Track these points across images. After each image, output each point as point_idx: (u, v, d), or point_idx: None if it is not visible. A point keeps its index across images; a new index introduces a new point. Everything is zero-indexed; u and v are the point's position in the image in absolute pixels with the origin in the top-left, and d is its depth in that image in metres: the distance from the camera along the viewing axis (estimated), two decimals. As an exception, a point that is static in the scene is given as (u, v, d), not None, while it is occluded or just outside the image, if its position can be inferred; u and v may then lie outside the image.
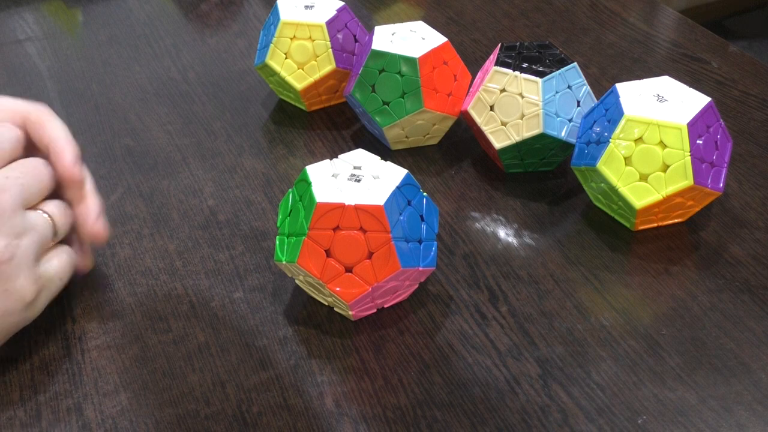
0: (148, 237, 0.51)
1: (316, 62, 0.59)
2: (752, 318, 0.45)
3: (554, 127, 0.51)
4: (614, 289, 0.47)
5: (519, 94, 0.52)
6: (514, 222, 0.52)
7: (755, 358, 0.42)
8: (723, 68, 0.67)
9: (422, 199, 0.44)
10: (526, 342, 0.44)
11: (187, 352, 0.44)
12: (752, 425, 0.39)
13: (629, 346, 0.43)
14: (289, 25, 0.59)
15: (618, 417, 0.40)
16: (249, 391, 0.41)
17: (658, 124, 0.46)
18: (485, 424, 0.39)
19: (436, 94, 0.54)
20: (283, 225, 0.44)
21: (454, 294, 0.47)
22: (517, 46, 0.54)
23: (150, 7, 0.80)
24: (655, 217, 0.49)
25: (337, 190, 0.42)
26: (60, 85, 0.67)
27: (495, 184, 0.55)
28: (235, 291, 0.47)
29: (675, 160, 0.46)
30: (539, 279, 0.47)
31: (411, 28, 0.56)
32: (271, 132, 0.61)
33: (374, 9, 0.78)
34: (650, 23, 0.75)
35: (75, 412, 0.41)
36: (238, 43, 0.73)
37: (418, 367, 0.42)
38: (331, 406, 0.41)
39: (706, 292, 0.46)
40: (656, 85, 0.49)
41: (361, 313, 0.44)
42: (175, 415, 0.40)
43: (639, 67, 0.68)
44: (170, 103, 0.65)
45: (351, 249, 0.41)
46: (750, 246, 0.49)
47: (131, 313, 0.46)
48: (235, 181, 0.56)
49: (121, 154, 0.59)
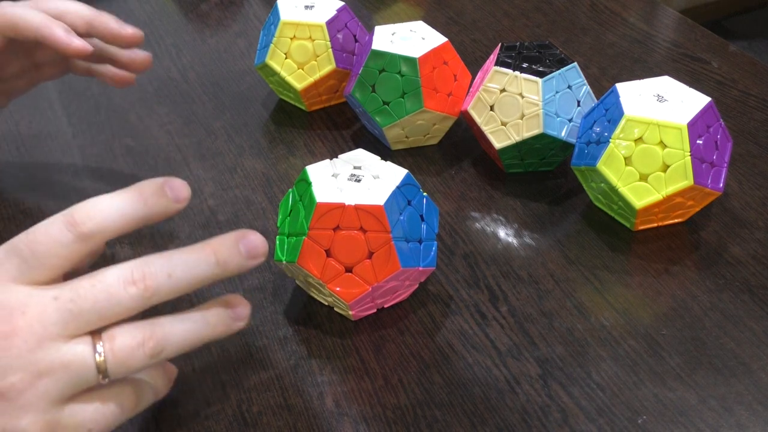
0: (148, 237, 0.51)
1: (316, 62, 0.59)
2: (752, 318, 0.45)
3: (554, 127, 0.51)
4: (614, 289, 0.47)
5: (519, 94, 0.52)
6: (514, 222, 0.52)
7: (755, 358, 0.42)
8: (723, 68, 0.67)
9: (422, 199, 0.44)
10: (526, 342, 0.44)
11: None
12: (752, 425, 0.39)
13: (629, 346, 0.43)
14: (289, 25, 0.59)
15: (618, 417, 0.40)
16: (249, 391, 0.41)
17: (658, 124, 0.46)
18: (485, 424, 0.39)
19: (436, 94, 0.54)
20: (283, 225, 0.44)
21: (454, 294, 0.47)
22: (517, 46, 0.54)
23: (150, 7, 0.80)
24: (655, 217, 0.49)
25: (337, 190, 0.42)
26: (60, 84, 0.67)
27: (495, 184, 0.55)
28: (235, 291, 0.47)
29: (675, 160, 0.46)
30: (539, 279, 0.47)
31: (411, 28, 0.56)
32: (271, 132, 0.61)
33: (374, 9, 0.78)
34: (650, 23, 0.75)
35: (75, 412, 0.41)
36: (238, 43, 0.73)
37: (418, 367, 0.42)
38: (331, 406, 0.41)
39: (706, 292, 0.46)
40: (656, 85, 0.49)
41: (361, 313, 0.44)
42: (175, 415, 0.40)
43: (639, 67, 0.68)
44: (170, 103, 0.65)
45: (351, 249, 0.41)
46: (750, 246, 0.49)
47: (131, 313, 0.46)
48: (235, 181, 0.56)
49: (121, 154, 0.59)
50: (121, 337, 0.34)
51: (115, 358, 0.34)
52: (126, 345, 0.34)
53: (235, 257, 0.36)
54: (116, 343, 0.34)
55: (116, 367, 0.34)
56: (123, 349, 0.34)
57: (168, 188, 0.36)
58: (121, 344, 0.34)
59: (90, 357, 0.33)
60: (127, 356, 0.34)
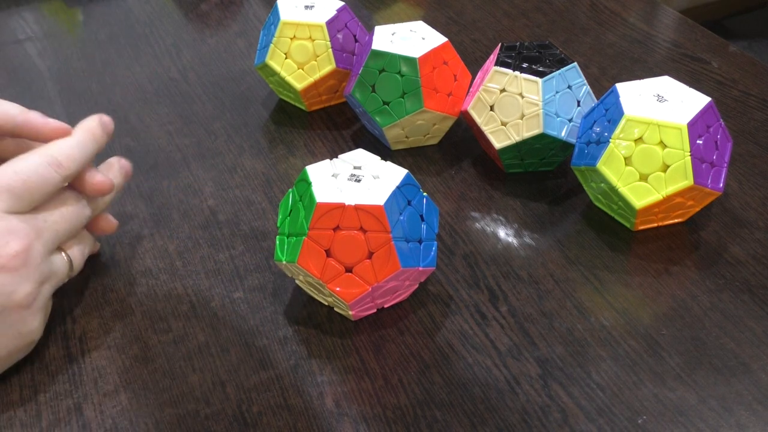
0: (148, 237, 0.51)
1: (316, 62, 0.59)
2: (752, 318, 0.45)
3: (554, 127, 0.51)
4: (614, 289, 0.47)
5: (519, 94, 0.52)
6: (514, 222, 0.52)
7: (755, 358, 0.42)
8: (723, 68, 0.67)
9: (422, 199, 0.44)
10: (526, 342, 0.44)
11: (187, 352, 0.44)
12: (752, 425, 0.39)
13: (629, 346, 0.43)
14: (289, 25, 0.59)
15: (618, 417, 0.40)
16: (249, 391, 0.41)
17: (658, 124, 0.46)
18: (485, 424, 0.39)
19: (436, 94, 0.54)
20: (283, 225, 0.44)
21: (454, 294, 0.47)
22: (517, 46, 0.54)
23: (150, 7, 0.80)
24: (655, 217, 0.49)
25: (337, 190, 0.42)
26: (60, 85, 0.67)
27: (495, 184, 0.55)
28: (235, 291, 0.47)
29: (675, 160, 0.46)
30: (539, 279, 0.47)
31: (411, 28, 0.56)
32: (271, 132, 0.61)
33: (374, 9, 0.78)
34: (650, 23, 0.75)
35: (75, 412, 0.41)
36: (238, 43, 0.73)
37: (418, 367, 0.42)
38: (331, 406, 0.41)
39: (706, 292, 0.46)
40: (656, 85, 0.49)
41: (361, 313, 0.44)
42: (175, 415, 0.40)
43: (639, 67, 0.68)
44: (170, 103, 0.65)
45: (351, 249, 0.41)
46: (750, 246, 0.49)
47: (131, 313, 0.46)
48: (235, 181, 0.56)
49: (121, 154, 0.59)
50: (73, 249, 0.44)
51: (75, 262, 0.45)
52: (76, 254, 0.45)
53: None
54: (72, 252, 0.44)
55: (76, 268, 0.45)
56: (76, 256, 0.45)
57: (103, 124, 0.46)
58: (74, 254, 0.44)
59: (67, 262, 0.44)
60: (78, 261, 0.45)
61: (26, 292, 0.40)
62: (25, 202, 0.41)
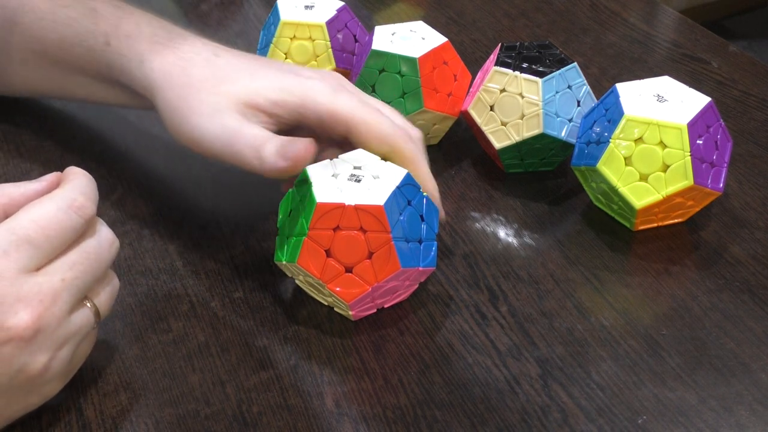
0: (148, 237, 0.51)
1: (316, 62, 0.59)
2: (752, 318, 0.45)
3: (554, 127, 0.51)
4: (614, 289, 0.47)
5: (519, 94, 0.52)
6: (514, 222, 0.52)
7: (755, 358, 0.42)
8: (723, 68, 0.67)
9: (422, 199, 0.44)
10: (526, 342, 0.44)
11: (187, 352, 0.44)
12: (752, 425, 0.39)
13: (629, 346, 0.43)
14: (289, 25, 0.59)
15: (618, 417, 0.40)
16: (249, 391, 0.41)
17: (658, 124, 0.46)
18: (485, 424, 0.39)
19: (436, 94, 0.54)
20: (283, 225, 0.44)
21: (454, 294, 0.47)
22: (517, 46, 0.54)
23: (150, 7, 0.80)
24: (655, 217, 0.49)
25: (337, 190, 0.42)
26: (60, 85, 0.67)
27: (495, 184, 0.55)
28: (235, 291, 0.47)
29: (675, 160, 0.46)
30: (539, 279, 0.47)
31: (411, 28, 0.56)
32: (271, 132, 0.61)
33: (374, 9, 0.78)
34: (650, 23, 0.75)
35: (75, 412, 0.41)
36: (238, 43, 0.73)
37: (418, 367, 0.42)
38: (331, 406, 0.41)
39: (706, 292, 0.46)
40: (656, 85, 0.49)
41: (361, 313, 0.44)
42: (175, 415, 0.40)
43: (639, 67, 0.68)
44: (170, 103, 0.64)
45: (351, 249, 0.41)
46: (750, 246, 0.49)
47: (131, 313, 0.46)
48: (235, 180, 0.56)
49: (121, 154, 0.59)
50: (101, 296, 0.39)
51: (102, 310, 0.39)
52: (103, 301, 0.39)
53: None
54: (99, 301, 0.39)
55: (104, 314, 0.40)
56: (103, 303, 0.39)
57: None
58: (101, 301, 0.39)
59: (91, 315, 0.39)
60: (105, 307, 0.40)
61: (41, 363, 0.36)
62: (44, 254, 0.36)
